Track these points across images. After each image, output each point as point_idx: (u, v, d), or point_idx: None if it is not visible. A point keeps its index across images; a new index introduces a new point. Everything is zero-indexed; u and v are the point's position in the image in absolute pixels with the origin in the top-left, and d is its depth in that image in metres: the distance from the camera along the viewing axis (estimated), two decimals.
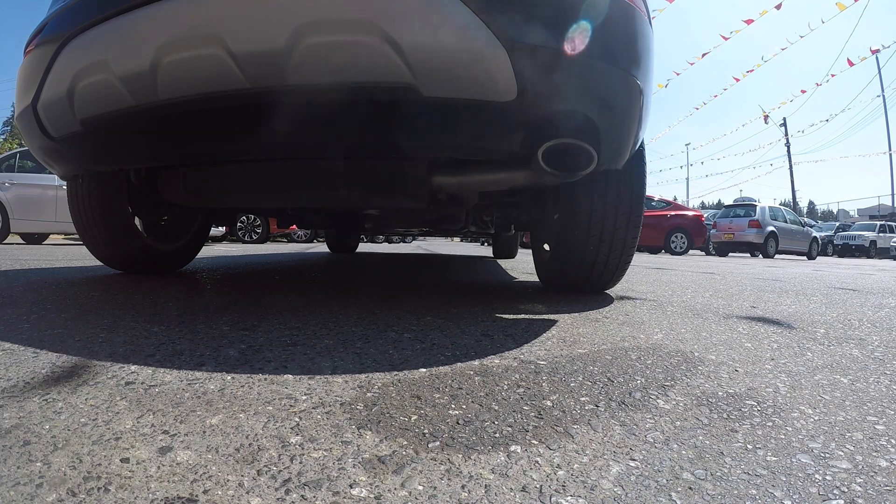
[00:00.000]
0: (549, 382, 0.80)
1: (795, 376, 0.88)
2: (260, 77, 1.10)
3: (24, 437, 0.54)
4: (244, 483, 0.47)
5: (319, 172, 1.52)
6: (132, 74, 1.18)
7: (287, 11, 1.04)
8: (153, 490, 0.45)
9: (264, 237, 10.59)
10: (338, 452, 0.54)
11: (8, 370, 0.77)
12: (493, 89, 1.09)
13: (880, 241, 18.78)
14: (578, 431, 0.62)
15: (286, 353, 0.92)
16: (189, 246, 2.51)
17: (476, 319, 1.34)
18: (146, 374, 0.77)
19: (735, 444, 0.59)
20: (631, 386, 0.80)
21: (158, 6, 1.14)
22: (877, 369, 0.95)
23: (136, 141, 1.41)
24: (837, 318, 1.60)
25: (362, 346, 1.00)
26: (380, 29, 1.02)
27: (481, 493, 0.47)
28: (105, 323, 1.14)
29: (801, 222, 14.46)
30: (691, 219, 12.21)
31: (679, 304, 1.84)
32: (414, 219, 2.50)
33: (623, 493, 0.48)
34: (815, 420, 0.67)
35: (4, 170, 7.62)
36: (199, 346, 0.96)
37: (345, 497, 0.46)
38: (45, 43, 1.36)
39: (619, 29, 1.23)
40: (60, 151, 1.53)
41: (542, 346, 1.06)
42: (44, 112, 1.41)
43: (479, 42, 1.05)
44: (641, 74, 1.28)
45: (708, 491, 0.48)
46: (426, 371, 0.85)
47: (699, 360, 0.97)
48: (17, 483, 0.45)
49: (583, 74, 1.16)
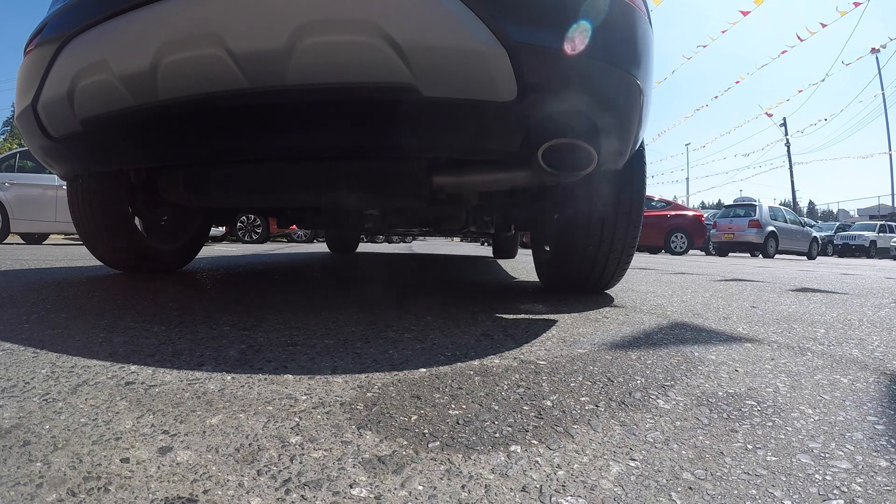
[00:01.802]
0: (549, 382, 0.80)
1: (795, 376, 0.88)
2: (260, 77, 1.10)
3: (24, 437, 0.54)
4: (244, 483, 0.47)
5: (319, 172, 1.52)
6: (132, 74, 1.18)
7: (287, 11, 1.04)
8: (153, 490, 0.45)
9: (264, 237, 10.59)
10: (338, 452, 0.54)
11: (8, 370, 0.77)
12: (493, 89, 1.09)
13: (880, 241, 18.78)
14: (578, 431, 0.62)
15: (286, 353, 0.92)
16: (189, 246, 2.51)
17: (476, 319, 1.34)
18: (146, 374, 0.77)
19: (735, 444, 0.59)
20: (631, 386, 0.80)
21: (158, 6, 1.13)
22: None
23: (136, 141, 1.41)
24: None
25: (362, 346, 0.99)
26: (380, 29, 1.02)
27: (481, 493, 0.47)
28: (105, 323, 1.13)
29: (801, 222, 14.46)
30: (691, 219, 12.21)
31: (679, 303, 1.84)
32: (414, 219, 2.49)
33: (623, 493, 0.48)
34: (815, 420, 0.67)
35: (4, 170, 7.61)
36: (199, 346, 0.96)
37: (345, 497, 0.45)
38: (45, 43, 1.36)
39: (619, 29, 1.23)
40: (60, 151, 1.52)
41: (542, 346, 1.06)
42: (44, 112, 1.41)
43: (479, 42, 1.05)
44: (641, 74, 1.28)
45: (708, 491, 0.48)
46: (426, 371, 0.85)
47: (699, 360, 0.97)
48: (17, 483, 0.45)
49: (583, 74, 1.16)
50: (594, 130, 1.22)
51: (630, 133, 1.34)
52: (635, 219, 1.72)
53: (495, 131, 1.19)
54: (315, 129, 1.23)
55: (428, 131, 1.19)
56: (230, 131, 1.28)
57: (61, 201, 7.29)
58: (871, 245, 18.76)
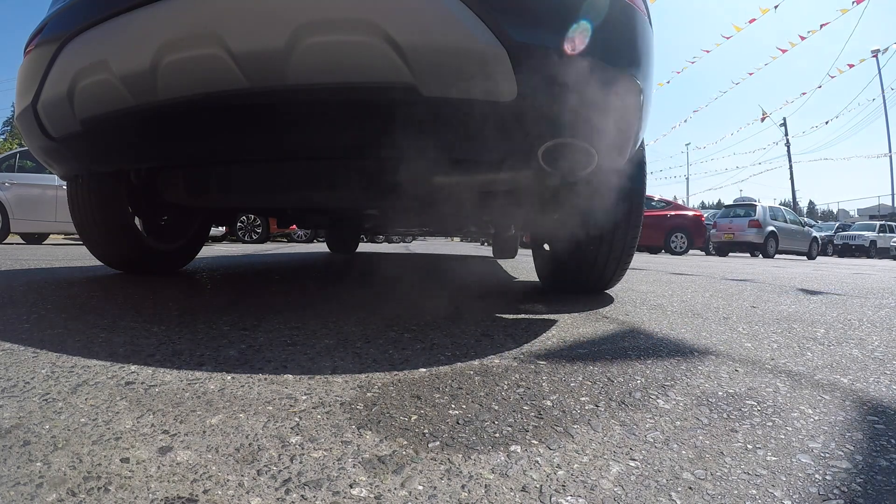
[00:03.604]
0: (549, 382, 0.80)
1: (795, 376, 0.88)
2: (260, 77, 1.10)
3: (24, 437, 0.54)
4: (244, 483, 0.47)
5: (319, 172, 1.52)
6: (132, 74, 1.18)
7: (287, 11, 1.04)
8: (153, 490, 0.45)
9: (264, 237, 10.59)
10: (338, 452, 0.54)
11: (8, 370, 0.77)
12: (493, 89, 1.09)
13: (880, 241, 18.77)
14: (578, 431, 0.62)
15: (286, 353, 0.92)
16: (189, 246, 2.51)
17: (476, 319, 1.34)
18: (146, 374, 0.77)
19: (735, 443, 0.59)
20: (631, 386, 0.80)
21: (158, 6, 1.13)
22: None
23: (136, 141, 1.41)
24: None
25: (362, 346, 0.99)
26: (380, 29, 1.02)
27: (481, 493, 0.47)
28: (105, 323, 1.13)
29: (801, 222, 14.45)
30: (691, 219, 12.20)
31: (679, 303, 1.83)
32: (414, 219, 2.49)
33: (623, 492, 0.48)
34: (815, 420, 0.67)
35: (4, 170, 7.61)
36: (199, 346, 0.96)
37: (345, 497, 0.45)
38: (45, 43, 1.36)
39: (619, 29, 1.23)
40: (60, 151, 1.52)
41: (542, 346, 1.06)
42: (44, 112, 1.41)
43: (479, 42, 1.05)
44: (641, 74, 1.28)
45: (708, 491, 0.48)
46: (426, 371, 0.85)
47: (699, 360, 0.97)
48: (17, 483, 0.45)
49: (583, 74, 1.16)
50: (594, 130, 1.22)
51: (630, 133, 1.34)
52: (635, 218, 1.72)
53: (495, 131, 1.19)
54: (315, 128, 1.23)
55: (428, 131, 1.19)
56: (230, 131, 1.28)
57: (61, 201, 7.29)
58: (871, 245, 18.75)
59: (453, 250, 8.90)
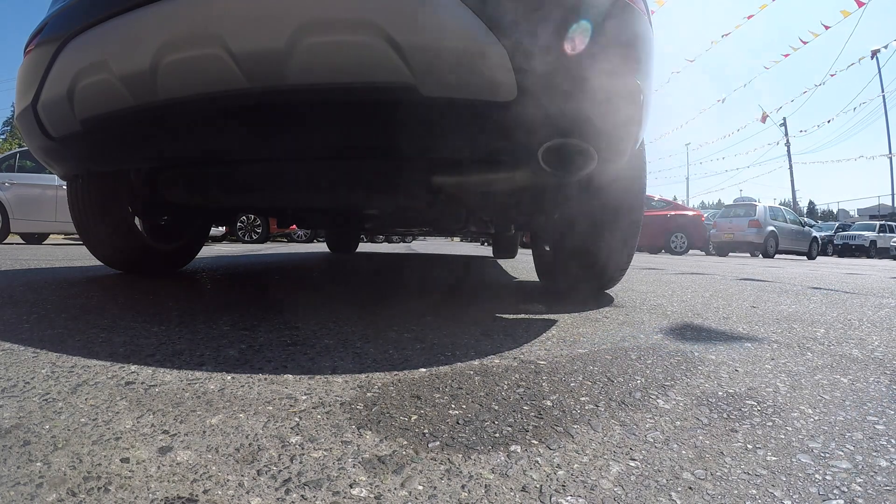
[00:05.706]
0: (549, 382, 0.80)
1: (795, 376, 0.88)
2: (260, 77, 1.10)
3: (24, 437, 0.54)
4: (244, 483, 0.47)
5: (319, 172, 1.52)
6: (132, 74, 1.18)
7: (287, 11, 1.04)
8: (153, 490, 0.45)
9: (264, 237, 10.59)
10: (338, 452, 0.54)
11: (8, 370, 0.77)
12: (492, 89, 1.09)
13: (880, 241, 18.77)
14: (578, 431, 0.62)
15: (286, 353, 0.92)
16: (189, 246, 2.51)
17: (476, 319, 1.34)
18: (146, 374, 0.77)
19: (735, 443, 0.59)
20: (631, 386, 0.80)
21: (158, 6, 1.13)
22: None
23: (136, 141, 1.41)
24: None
25: (362, 346, 0.99)
26: (380, 29, 1.02)
27: (481, 493, 0.47)
28: (105, 323, 1.13)
29: (801, 222, 14.45)
30: (691, 219, 12.20)
31: (679, 303, 1.83)
32: (414, 219, 2.49)
33: (623, 492, 0.48)
34: (815, 420, 0.67)
35: (4, 170, 7.61)
36: (199, 346, 0.96)
37: (345, 497, 0.45)
38: (45, 43, 1.36)
39: (619, 28, 1.23)
40: (60, 151, 1.52)
41: (542, 346, 1.06)
42: (44, 112, 1.41)
43: (479, 42, 1.05)
44: (641, 74, 1.28)
45: (708, 491, 0.48)
46: (426, 371, 0.85)
47: (699, 360, 0.97)
48: (17, 483, 0.45)
49: (583, 74, 1.16)
50: (594, 130, 1.22)
51: (630, 133, 1.34)
52: (635, 218, 1.72)
53: (495, 131, 1.19)
54: (315, 129, 1.23)
55: (428, 131, 1.19)
56: (230, 131, 1.28)
57: (61, 201, 7.29)
58: (871, 245, 18.76)
59: (453, 250, 8.90)
